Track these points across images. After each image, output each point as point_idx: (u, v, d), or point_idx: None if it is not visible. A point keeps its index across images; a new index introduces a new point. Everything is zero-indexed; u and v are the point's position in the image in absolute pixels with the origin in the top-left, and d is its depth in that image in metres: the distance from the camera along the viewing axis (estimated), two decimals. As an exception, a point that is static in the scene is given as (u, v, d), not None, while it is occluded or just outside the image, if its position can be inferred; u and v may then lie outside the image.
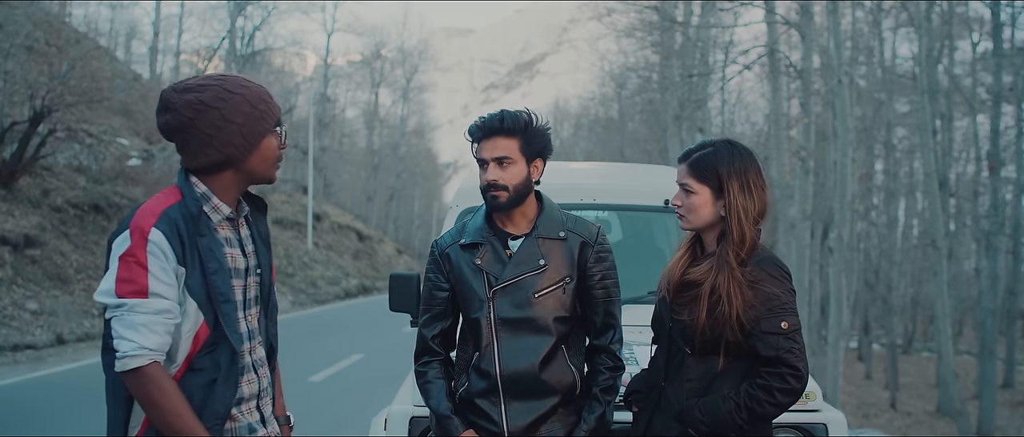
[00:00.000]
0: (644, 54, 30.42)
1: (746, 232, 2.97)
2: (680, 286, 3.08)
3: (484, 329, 3.21)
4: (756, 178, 3.02)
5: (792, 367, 2.86)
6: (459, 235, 3.33)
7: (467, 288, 3.25)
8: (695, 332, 2.97)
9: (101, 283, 2.45)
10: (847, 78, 15.80)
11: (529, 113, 3.24)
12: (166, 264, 2.41)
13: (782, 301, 2.91)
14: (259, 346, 2.72)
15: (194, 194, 2.54)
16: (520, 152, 3.19)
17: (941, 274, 18.00)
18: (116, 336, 2.39)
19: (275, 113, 2.65)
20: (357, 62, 68.42)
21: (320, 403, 11.13)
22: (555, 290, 3.20)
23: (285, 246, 35.11)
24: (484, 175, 3.21)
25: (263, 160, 2.64)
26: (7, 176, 19.97)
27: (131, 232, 2.42)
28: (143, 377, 2.37)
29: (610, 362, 3.30)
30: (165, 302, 2.40)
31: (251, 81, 2.65)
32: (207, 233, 2.52)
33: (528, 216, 3.29)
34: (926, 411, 23.38)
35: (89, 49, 26.79)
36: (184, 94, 2.53)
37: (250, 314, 2.68)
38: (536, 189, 3.32)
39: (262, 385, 2.72)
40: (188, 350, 2.48)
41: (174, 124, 2.54)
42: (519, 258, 3.22)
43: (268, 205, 2.89)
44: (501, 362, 3.18)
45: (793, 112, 24.41)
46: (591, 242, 3.27)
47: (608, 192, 5.17)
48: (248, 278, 2.68)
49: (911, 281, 35.32)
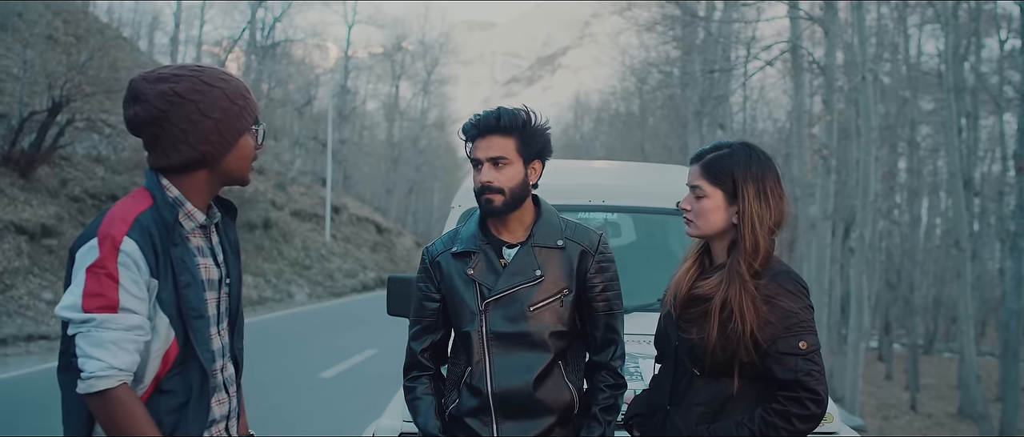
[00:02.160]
0: (665, 49, 30.18)
1: (760, 242, 2.74)
2: (687, 301, 2.84)
3: (475, 344, 3.00)
4: (774, 185, 2.80)
5: (811, 391, 2.63)
6: (451, 242, 3.13)
7: (458, 299, 3.04)
8: (705, 352, 2.73)
9: (64, 296, 2.23)
10: (871, 75, 15.55)
11: (528, 111, 3.04)
12: (139, 277, 2.21)
13: (800, 319, 2.68)
14: (229, 363, 2.53)
15: (167, 199, 2.34)
16: (517, 152, 2.99)
17: (965, 275, 17.72)
18: (82, 354, 2.18)
19: (253, 110, 2.45)
20: (378, 54, 68.33)
21: (327, 401, 11.01)
22: (552, 303, 3.00)
23: (303, 238, 35.09)
24: (478, 176, 3.00)
25: (239, 160, 2.43)
26: (25, 165, 19.99)
27: (100, 241, 2.21)
28: (111, 400, 2.17)
29: (611, 379, 3.08)
30: (136, 318, 2.20)
31: (230, 74, 2.44)
32: (180, 242, 2.33)
33: (525, 223, 3.08)
34: (947, 413, 23.07)
35: (109, 39, 26.84)
36: (157, 84, 2.31)
37: (222, 329, 2.49)
38: (533, 194, 3.11)
39: (232, 405, 2.53)
40: (156, 370, 2.28)
41: (144, 117, 2.32)
42: (514, 268, 3.01)
43: (238, 210, 2.69)
44: (493, 379, 2.98)
45: (815, 109, 24.14)
46: (592, 251, 3.06)
47: (620, 193, 4.95)
48: (221, 290, 2.49)
49: (933, 281, 34.91)
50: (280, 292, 27.52)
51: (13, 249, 17.51)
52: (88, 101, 20.72)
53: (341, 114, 53.74)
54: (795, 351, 2.65)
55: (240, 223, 28.81)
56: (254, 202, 30.99)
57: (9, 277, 16.77)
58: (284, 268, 30.33)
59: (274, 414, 9.63)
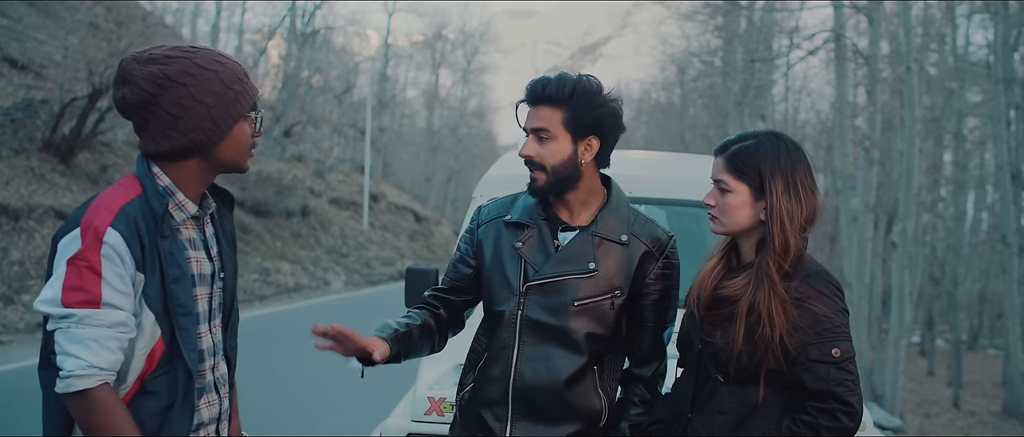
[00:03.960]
0: (706, 38, 29.92)
1: (789, 240, 2.52)
2: (712, 302, 2.62)
3: (506, 327, 2.72)
4: (804, 178, 2.57)
5: (844, 403, 2.42)
6: (506, 209, 2.84)
7: (499, 273, 2.76)
8: (730, 357, 2.53)
9: (44, 289, 2.09)
10: (916, 66, 15.21)
11: (584, 78, 2.71)
12: (123, 270, 2.07)
13: (833, 323, 2.46)
14: (221, 362, 2.38)
15: (157, 188, 2.19)
16: (563, 126, 2.67)
17: (1011, 271, 17.36)
18: (60, 352, 2.04)
19: (251, 95, 2.28)
20: (418, 43, 68.37)
21: (356, 391, 10.93)
22: (601, 302, 2.70)
23: (341, 226, 35.16)
24: (522, 149, 2.74)
25: (233, 148, 2.27)
26: (66, 151, 20.15)
27: (82, 231, 2.07)
28: (90, 401, 2.03)
29: (647, 394, 2.81)
30: (120, 314, 2.06)
31: (226, 56, 2.27)
32: (169, 234, 2.18)
33: (590, 207, 2.78)
34: (991, 411, 22.61)
35: (151, 26, 27.04)
36: (147, 66, 2.17)
37: (213, 326, 2.34)
38: (604, 175, 2.81)
39: (223, 406, 2.38)
40: (140, 369, 2.14)
41: (132, 100, 2.18)
42: (566, 254, 2.71)
43: (235, 200, 2.52)
44: (517, 371, 2.70)
45: (859, 100, 23.74)
46: (656, 253, 2.76)
47: (654, 185, 4.72)
48: (213, 285, 2.33)
49: (978, 276, 34.30)
50: (317, 279, 27.58)
51: (52, 234, 17.63)
52: (128, 88, 20.82)
53: (381, 102, 53.83)
54: (827, 359, 2.44)
55: (278, 210, 28.99)
56: (292, 189, 31.09)
57: (48, 262, 16.91)
58: (321, 255, 30.40)
59: (301, 404, 9.58)
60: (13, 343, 13.57)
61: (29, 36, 23.85)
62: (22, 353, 12.81)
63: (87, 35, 23.11)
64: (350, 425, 8.98)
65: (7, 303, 14.91)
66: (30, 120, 20.13)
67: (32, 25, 24.44)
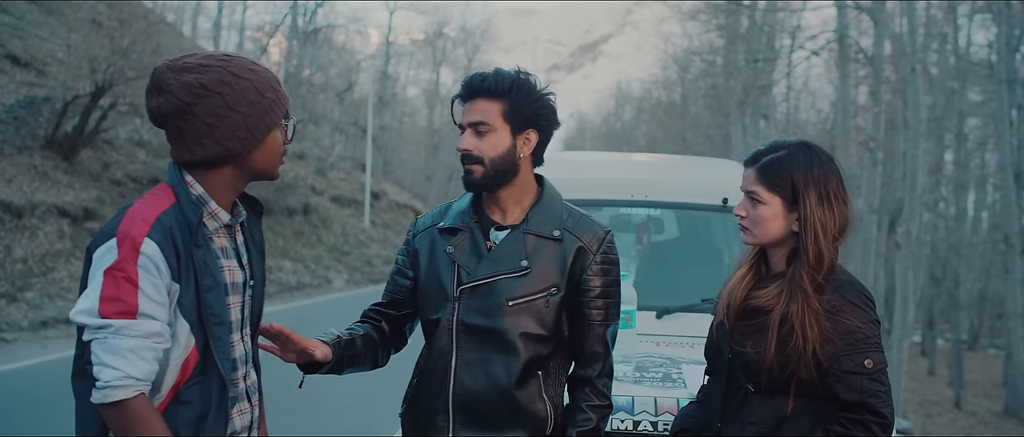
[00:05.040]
0: (709, 37, 29.90)
1: (823, 252, 2.50)
2: (743, 312, 2.61)
3: (443, 334, 2.66)
4: (838, 189, 2.55)
5: (878, 414, 2.41)
6: (441, 216, 2.81)
7: (433, 280, 2.70)
8: (761, 368, 2.51)
9: (80, 300, 2.09)
10: (920, 66, 15.20)
11: (523, 73, 2.68)
12: (159, 281, 2.07)
13: (865, 335, 2.45)
14: (252, 370, 2.39)
15: (191, 197, 2.19)
16: (502, 118, 2.62)
17: (1014, 271, 17.35)
18: (97, 362, 2.04)
19: (284, 103, 2.29)
20: (419, 41, 68.33)
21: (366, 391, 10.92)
22: (535, 301, 2.62)
23: (342, 224, 35.15)
24: (459, 143, 2.69)
25: (267, 156, 2.28)
26: (68, 149, 20.15)
27: (119, 242, 2.07)
28: (127, 411, 2.03)
29: (594, 399, 2.70)
30: (156, 324, 2.06)
31: (259, 65, 2.27)
32: (203, 244, 2.18)
33: (522, 204, 2.72)
34: (992, 411, 22.62)
35: (153, 24, 27.02)
36: (181, 74, 2.16)
37: (244, 334, 2.34)
38: (538, 173, 2.77)
39: (254, 414, 2.39)
40: (175, 379, 2.15)
41: (168, 109, 2.17)
42: (498, 254, 2.65)
43: (264, 208, 2.52)
44: (457, 378, 2.64)
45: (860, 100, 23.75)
46: (592, 249, 2.67)
47: (663, 188, 4.73)
48: (244, 294, 2.34)
49: (978, 275, 34.29)
50: (318, 277, 27.58)
51: (55, 232, 17.66)
52: (131, 85, 20.82)
53: (382, 100, 53.80)
54: (860, 370, 2.43)
55: (280, 208, 28.97)
56: (294, 187, 31.08)
57: (51, 260, 16.92)
58: (322, 254, 30.40)
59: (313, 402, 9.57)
60: (17, 341, 13.57)
61: (31, 33, 23.84)
62: (26, 352, 12.82)
63: (89, 33, 23.08)
64: (363, 425, 8.97)
65: (10, 301, 14.92)
66: (33, 118, 20.13)
67: (34, 22, 24.43)
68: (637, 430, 3.18)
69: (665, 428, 3.11)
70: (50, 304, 15.58)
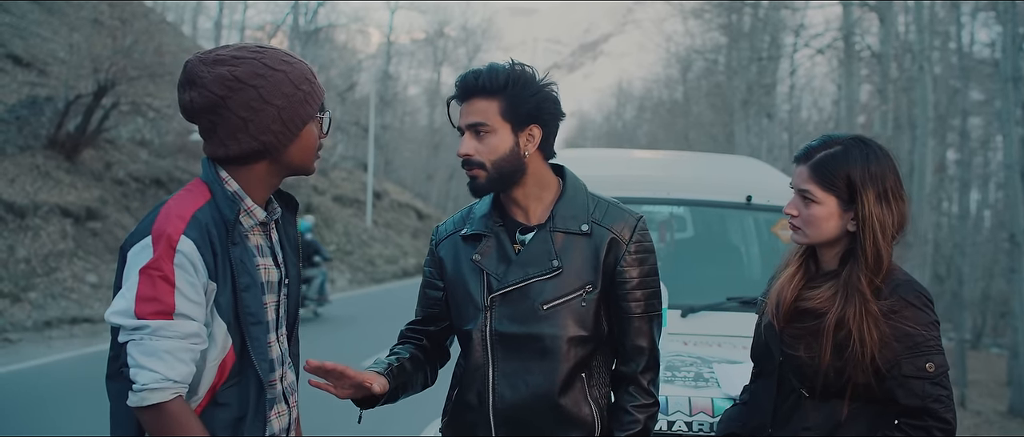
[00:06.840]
0: (711, 36, 29.87)
1: (882, 252, 2.36)
2: (794, 313, 2.48)
3: (477, 346, 2.53)
4: (895, 186, 2.41)
5: (941, 420, 2.29)
6: (462, 223, 2.65)
7: (462, 291, 2.56)
8: (816, 373, 2.39)
9: (115, 300, 2.02)
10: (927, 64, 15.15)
11: (518, 66, 2.50)
12: (196, 280, 2.00)
13: (926, 337, 2.32)
14: (289, 371, 2.31)
15: (226, 194, 2.12)
16: (501, 117, 2.46)
17: (1020, 270, 17.27)
18: (134, 364, 1.97)
19: (319, 96, 2.21)
20: (420, 40, 68.33)
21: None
22: (571, 301, 2.48)
23: (344, 224, 35.11)
24: (459, 148, 2.54)
25: (302, 151, 2.21)
26: (70, 148, 20.12)
27: (155, 240, 1.99)
28: (164, 414, 1.97)
29: (639, 399, 2.55)
30: (193, 324, 2.00)
31: (293, 56, 2.19)
32: (239, 241, 2.10)
33: (544, 201, 2.56)
34: (997, 411, 22.56)
35: (154, 23, 26.96)
36: (215, 67, 2.09)
37: (280, 334, 2.27)
38: (556, 164, 2.61)
39: (292, 416, 2.32)
40: (212, 380, 2.08)
41: (201, 103, 2.10)
42: (526, 257, 2.50)
43: (299, 204, 2.44)
44: (496, 391, 2.51)
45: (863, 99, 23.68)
46: (624, 239, 2.52)
47: (683, 186, 4.65)
48: (280, 293, 2.27)
49: (982, 274, 34.22)
50: (321, 277, 27.53)
51: (58, 232, 17.62)
52: (133, 85, 20.80)
53: (383, 100, 53.77)
54: (922, 374, 2.31)
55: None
56: (296, 187, 31.02)
57: (54, 260, 16.88)
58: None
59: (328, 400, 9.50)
60: (21, 341, 13.53)
61: (33, 33, 23.77)
62: (29, 352, 12.77)
63: (91, 32, 23.02)
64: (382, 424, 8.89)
65: (14, 301, 14.88)
66: (35, 117, 20.10)
67: (36, 22, 24.36)
68: (672, 430, 3.12)
69: (700, 428, 3.06)
70: (53, 304, 15.54)
